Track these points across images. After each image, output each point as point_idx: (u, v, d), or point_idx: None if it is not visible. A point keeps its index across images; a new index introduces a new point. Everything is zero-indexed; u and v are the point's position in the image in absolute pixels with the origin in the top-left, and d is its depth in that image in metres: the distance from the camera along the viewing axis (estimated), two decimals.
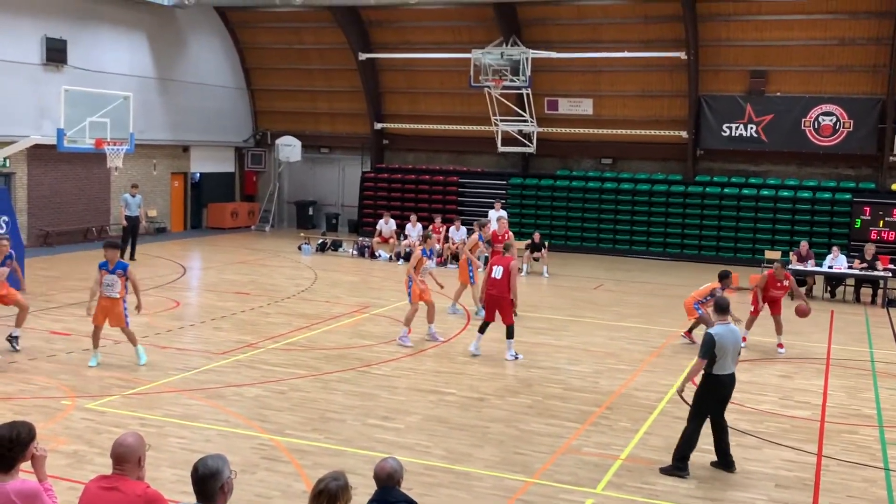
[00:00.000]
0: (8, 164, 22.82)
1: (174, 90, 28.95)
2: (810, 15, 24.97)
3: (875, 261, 20.14)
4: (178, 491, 7.30)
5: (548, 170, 29.09)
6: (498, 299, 13.31)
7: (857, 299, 20.31)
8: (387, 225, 25.03)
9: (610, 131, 27.71)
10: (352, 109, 31.31)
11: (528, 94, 27.30)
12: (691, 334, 14.86)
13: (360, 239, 26.16)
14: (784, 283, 14.75)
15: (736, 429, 9.26)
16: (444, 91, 29.91)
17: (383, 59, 29.87)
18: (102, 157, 19.96)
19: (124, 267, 11.85)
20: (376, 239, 24.98)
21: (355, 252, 25.10)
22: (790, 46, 25.50)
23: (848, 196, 25.00)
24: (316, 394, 11.04)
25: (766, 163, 26.79)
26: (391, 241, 24.73)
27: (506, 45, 26.98)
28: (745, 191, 26.24)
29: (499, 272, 13.35)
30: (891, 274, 19.80)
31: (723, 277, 14.18)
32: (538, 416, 10.41)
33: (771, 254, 22.40)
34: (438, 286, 15.22)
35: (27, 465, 4.73)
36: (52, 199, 24.89)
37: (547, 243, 23.76)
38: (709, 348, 8.56)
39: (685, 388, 8.99)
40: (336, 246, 25.88)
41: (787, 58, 25.69)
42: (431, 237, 15.74)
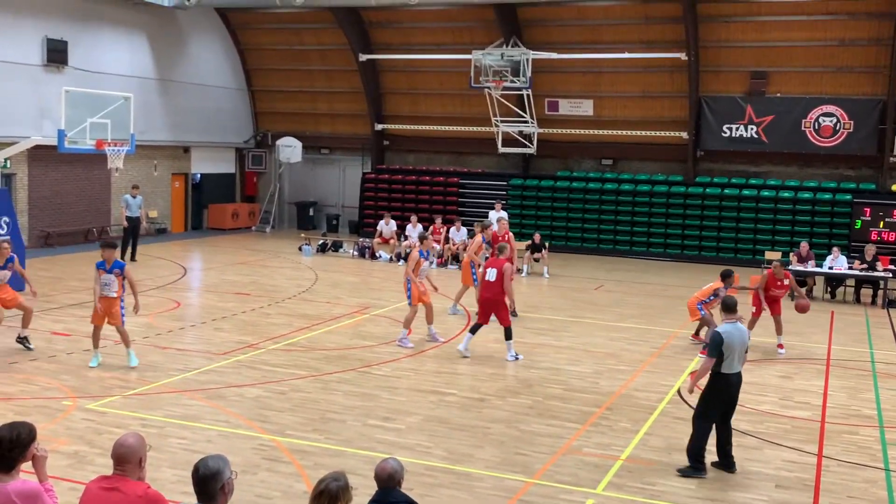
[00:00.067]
0: (9, 165, 22.84)
1: (175, 91, 28.97)
2: (811, 16, 24.99)
3: (875, 261, 20.14)
4: (179, 491, 7.31)
5: (548, 171, 29.09)
6: (492, 302, 13.30)
7: (858, 300, 20.31)
8: (387, 226, 25.04)
9: (610, 132, 27.71)
10: (352, 110, 31.33)
11: (528, 95, 27.30)
12: (699, 336, 14.85)
13: (361, 240, 26.18)
14: (784, 282, 14.77)
15: (736, 429, 9.25)
16: (444, 92, 29.93)
17: (384, 60, 29.88)
18: (103, 158, 19.96)
19: (121, 266, 11.88)
20: (377, 240, 24.99)
21: (356, 253, 25.10)
22: (790, 47, 25.51)
23: (848, 197, 24.99)
24: (316, 394, 11.04)
25: (767, 164, 26.79)
26: (392, 241, 24.74)
27: (506, 46, 26.99)
28: (745, 192, 26.24)
29: (492, 275, 13.33)
30: (891, 275, 19.80)
31: (725, 276, 14.20)
32: (539, 417, 10.42)
33: (771, 254, 22.39)
34: (433, 288, 15.15)
35: (28, 466, 4.73)
36: (53, 199, 24.90)
37: (547, 244, 23.74)
38: (717, 347, 8.57)
39: (694, 389, 8.99)
40: (337, 247, 25.89)
41: (788, 59, 25.70)
42: (428, 238, 15.71)
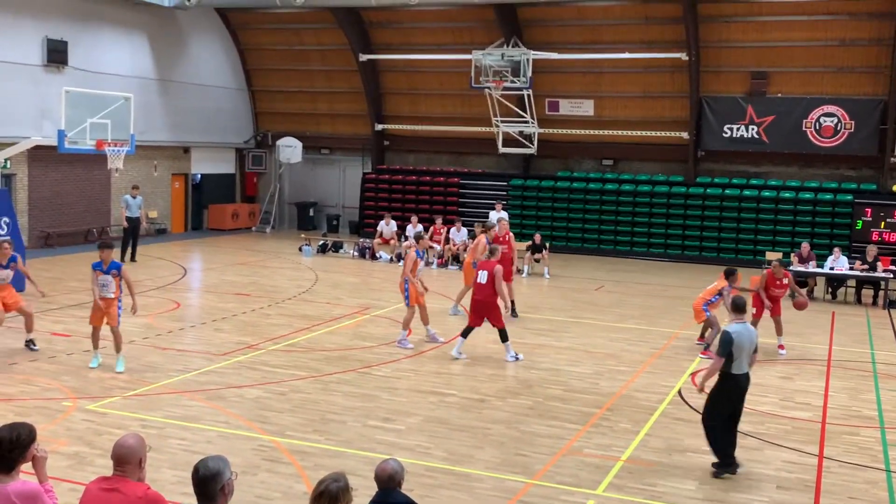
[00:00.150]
0: (9, 166, 22.84)
1: (175, 91, 28.96)
2: (811, 16, 24.98)
3: (876, 262, 20.12)
4: (179, 492, 7.31)
5: (549, 171, 29.09)
6: (484, 304, 13.26)
7: (859, 300, 20.30)
8: (388, 226, 25.02)
9: (611, 132, 27.70)
10: (352, 110, 31.32)
11: (528, 95, 27.30)
12: (705, 338, 14.82)
13: (361, 240, 26.17)
14: (784, 282, 14.77)
15: (737, 430, 9.24)
16: (444, 92, 29.92)
17: (384, 60, 29.87)
18: (103, 159, 19.95)
19: (118, 267, 11.87)
20: (377, 240, 24.97)
21: (356, 253, 25.09)
22: (791, 47, 25.50)
23: (849, 197, 24.98)
24: (316, 395, 11.03)
25: (768, 164, 26.78)
26: (392, 242, 24.73)
27: (506, 46, 26.98)
28: (746, 192, 26.23)
29: (484, 277, 13.29)
30: (892, 275, 19.78)
31: (729, 274, 14.22)
32: (539, 418, 10.41)
33: (772, 255, 22.39)
34: (423, 289, 14.71)
35: (28, 467, 4.73)
36: (53, 200, 24.89)
37: (548, 244, 23.73)
38: (727, 346, 8.59)
39: (703, 389, 9.03)
40: (337, 247, 25.87)
41: (789, 59, 25.69)
42: (424, 238, 15.65)
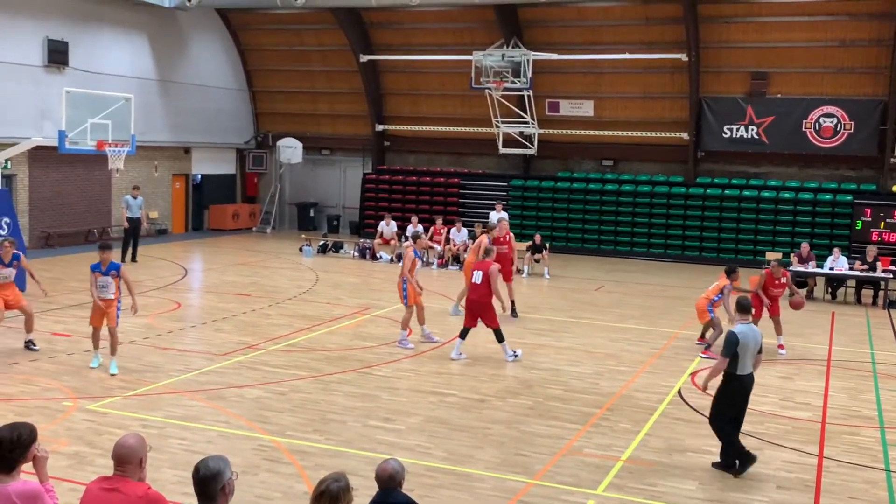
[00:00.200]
0: (9, 166, 22.81)
1: (175, 92, 28.98)
2: (811, 17, 24.99)
3: (876, 262, 20.13)
4: (180, 492, 7.32)
5: (549, 171, 29.10)
6: (479, 304, 13.24)
7: (858, 301, 20.30)
8: (388, 226, 25.03)
9: (611, 133, 27.71)
10: (353, 111, 31.33)
11: (529, 96, 27.30)
12: (704, 338, 14.85)
13: (362, 240, 26.18)
14: (782, 281, 14.80)
15: None
16: (445, 93, 29.93)
17: (384, 61, 29.88)
18: (104, 159, 19.96)
19: (117, 268, 11.84)
20: (377, 240, 24.97)
21: (356, 254, 25.10)
22: (791, 48, 25.51)
23: (849, 198, 24.98)
24: (317, 395, 11.04)
25: (767, 164, 26.79)
26: (392, 242, 24.73)
27: (507, 47, 26.99)
28: (745, 192, 26.23)
29: (478, 277, 13.27)
30: (891, 275, 19.79)
31: (730, 273, 14.32)
32: (539, 418, 10.41)
33: (772, 255, 22.40)
34: (419, 289, 14.79)
35: (29, 467, 4.73)
36: (54, 200, 24.91)
37: (548, 245, 23.74)
38: (732, 347, 8.62)
39: (707, 387, 9.10)
40: (337, 247, 25.88)
41: (788, 59, 25.70)
42: (422, 237, 15.65)
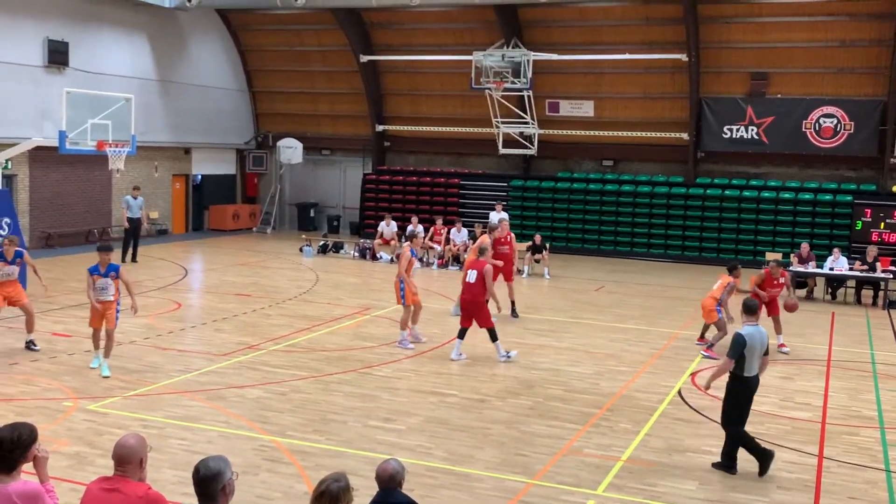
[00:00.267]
0: (10, 166, 22.80)
1: (175, 92, 28.98)
2: (811, 17, 24.99)
3: (876, 262, 20.13)
4: (180, 492, 7.32)
5: (549, 172, 29.09)
6: (473, 303, 13.21)
7: (858, 301, 20.30)
8: (388, 227, 25.04)
9: (611, 133, 27.71)
10: (353, 111, 31.33)
11: (529, 96, 27.30)
12: (705, 338, 14.86)
13: (362, 241, 26.19)
14: (780, 281, 14.82)
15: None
16: (445, 93, 29.93)
17: (385, 61, 29.88)
18: (104, 160, 19.97)
19: (116, 269, 11.79)
20: (378, 241, 24.98)
21: (356, 254, 25.10)
22: (791, 48, 25.51)
23: (849, 198, 24.98)
24: (317, 395, 11.05)
25: (767, 165, 26.79)
26: (392, 242, 24.73)
27: (507, 47, 26.99)
28: (745, 193, 26.23)
29: (472, 276, 13.24)
30: (891, 276, 19.79)
31: (732, 269, 14.47)
32: (539, 418, 10.42)
33: (772, 255, 22.41)
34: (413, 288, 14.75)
35: (29, 467, 4.74)
36: (54, 200, 24.91)
37: (548, 245, 23.75)
38: (739, 348, 8.63)
39: (710, 385, 9.16)
40: (337, 248, 25.89)
41: (788, 60, 25.70)
42: (418, 236, 15.63)
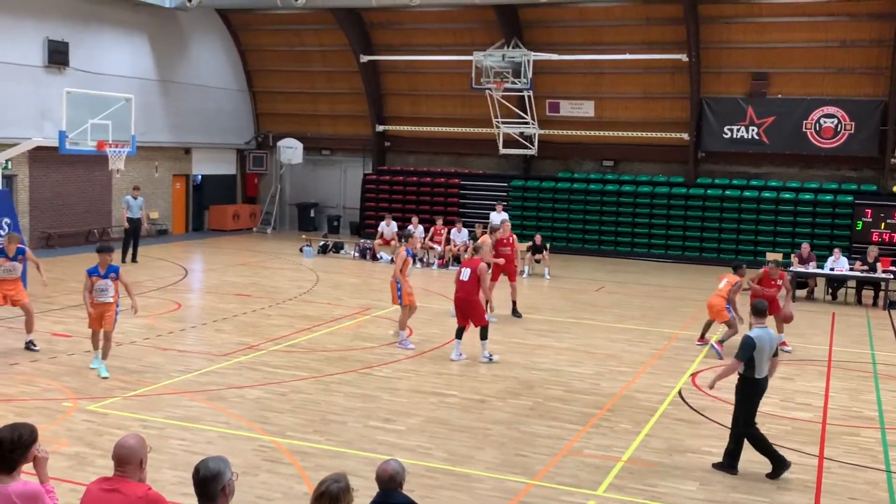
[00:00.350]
0: (10, 167, 22.80)
1: (176, 92, 28.98)
2: (812, 17, 24.98)
3: (876, 263, 20.12)
4: (180, 493, 7.31)
5: (549, 172, 29.09)
6: (467, 302, 13.18)
7: (859, 301, 20.30)
8: (388, 227, 25.04)
9: (611, 133, 27.70)
10: (353, 111, 31.33)
11: (529, 97, 27.29)
12: (705, 339, 14.86)
13: (362, 241, 26.18)
14: (777, 282, 14.80)
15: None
16: (445, 93, 29.93)
17: (385, 61, 29.88)
18: (104, 160, 19.95)
19: (116, 270, 11.76)
20: (378, 241, 24.98)
21: (357, 254, 25.10)
22: (791, 48, 25.50)
23: (849, 198, 24.96)
24: (317, 396, 11.04)
25: (768, 165, 26.78)
26: (393, 243, 24.70)
27: (507, 48, 26.99)
28: (746, 193, 26.22)
29: (466, 274, 13.22)
30: (892, 276, 19.78)
31: (737, 268, 14.65)
32: (539, 418, 10.41)
33: (773, 255, 22.40)
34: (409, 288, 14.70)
35: (29, 467, 4.73)
36: (54, 201, 24.91)
37: (548, 245, 23.75)
38: (749, 351, 8.64)
39: (714, 385, 9.20)
40: (337, 248, 25.89)
41: (789, 60, 25.70)
42: (413, 236, 15.60)
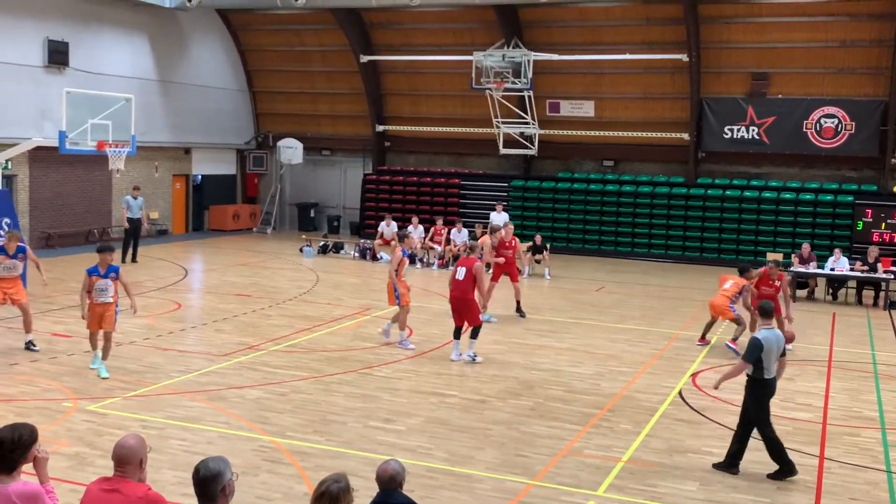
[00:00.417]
0: (10, 167, 22.80)
1: (176, 92, 28.97)
2: (812, 17, 24.98)
3: (877, 263, 20.11)
4: (180, 493, 7.31)
5: (549, 172, 29.08)
6: (461, 300, 13.18)
7: (860, 301, 20.30)
8: (388, 227, 25.02)
9: (611, 133, 27.69)
10: (353, 111, 31.32)
11: (529, 97, 27.29)
12: (705, 339, 14.86)
13: (362, 241, 26.18)
14: (776, 284, 14.77)
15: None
16: (445, 93, 29.92)
17: (385, 61, 29.87)
18: (104, 160, 19.96)
19: (116, 270, 11.74)
20: (378, 241, 24.97)
21: (357, 254, 25.10)
22: (792, 48, 25.49)
23: (850, 198, 24.95)
24: (317, 396, 11.04)
25: (768, 165, 26.77)
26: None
27: (507, 48, 26.98)
28: (746, 193, 26.21)
29: (461, 273, 13.21)
30: (892, 276, 19.77)
31: (745, 271, 14.59)
32: (539, 419, 10.41)
33: (773, 256, 22.40)
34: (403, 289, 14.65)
35: (29, 467, 4.73)
36: (54, 201, 24.90)
37: (548, 245, 23.74)
38: (756, 352, 8.64)
39: (719, 385, 9.19)
40: (338, 248, 25.89)
41: (789, 60, 25.69)
42: (409, 237, 15.62)
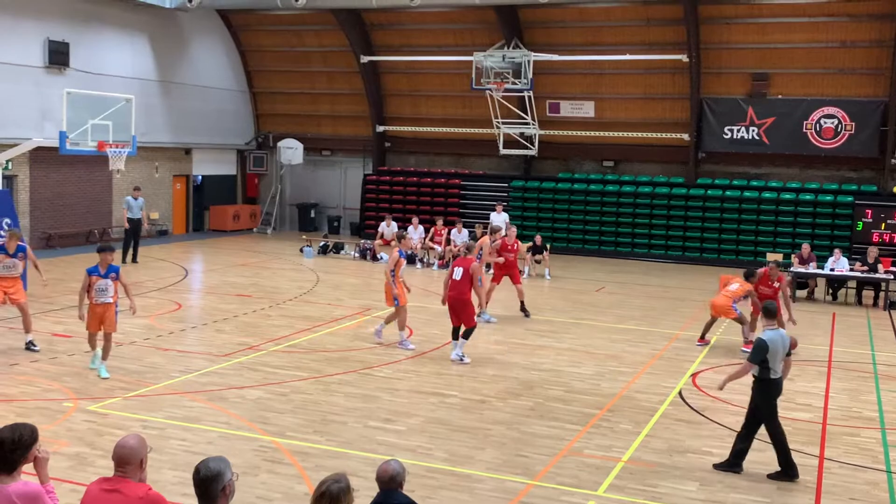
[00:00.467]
0: (10, 167, 22.82)
1: (176, 93, 28.98)
2: (812, 18, 24.98)
3: (877, 263, 20.12)
4: (180, 493, 7.31)
5: (549, 172, 29.09)
6: (458, 301, 13.17)
7: (859, 302, 20.30)
8: (388, 227, 25.03)
9: (612, 134, 27.70)
10: (353, 112, 31.33)
11: (529, 97, 27.30)
12: (705, 339, 14.87)
13: (362, 241, 26.18)
14: (774, 285, 14.77)
15: (739, 431, 9.24)
16: (445, 94, 29.93)
17: (385, 62, 29.88)
18: (104, 160, 19.99)
19: (116, 270, 11.73)
20: (378, 241, 24.98)
21: (357, 254, 25.11)
22: (792, 49, 25.50)
23: (850, 199, 24.96)
24: (317, 396, 11.04)
25: (768, 165, 26.77)
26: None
27: (507, 48, 27.00)
28: (746, 193, 26.22)
29: (458, 273, 13.22)
30: (892, 276, 19.77)
31: (750, 275, 14.53)
32: (539, 419, 10.41)
33: (773, 256, 22.41)
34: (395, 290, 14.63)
35: (29, 467, 4.74)
36: (55, 201, 24.91)
37: (549, 246, 23.74)
38: (762, 353, 8.66)
39: (724, 386, 9.22)
40: (338, 248, 25.89)
41: (789, 60, 25.70)
42: (406, 237, 15.64)
